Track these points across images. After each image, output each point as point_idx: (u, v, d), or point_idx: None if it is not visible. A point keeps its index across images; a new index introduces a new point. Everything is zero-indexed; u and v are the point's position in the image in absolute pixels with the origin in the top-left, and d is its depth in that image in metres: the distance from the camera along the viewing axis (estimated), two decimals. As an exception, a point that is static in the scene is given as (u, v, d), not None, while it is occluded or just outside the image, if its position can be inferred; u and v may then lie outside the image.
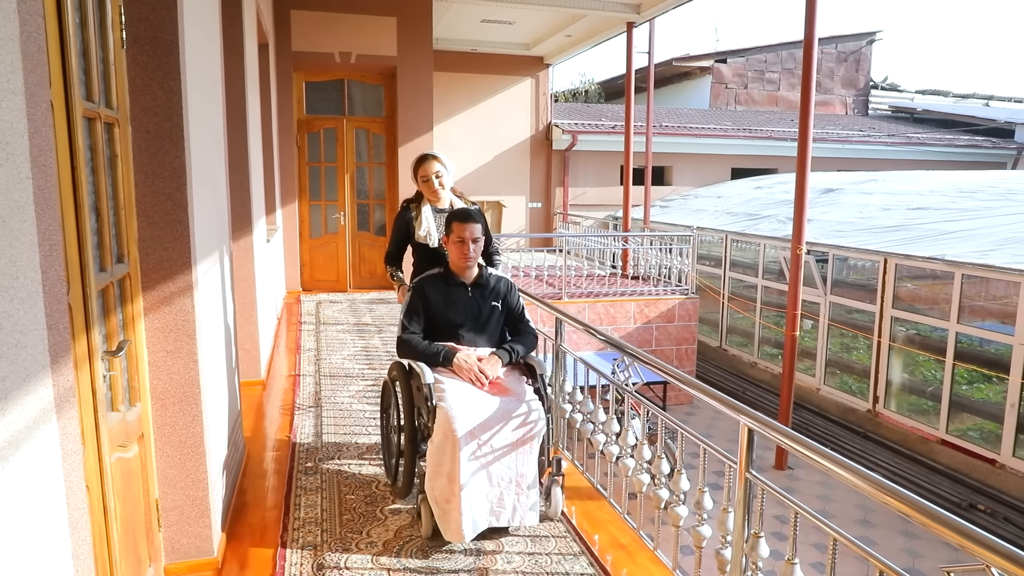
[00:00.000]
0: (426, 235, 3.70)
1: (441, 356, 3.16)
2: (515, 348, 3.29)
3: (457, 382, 3.09)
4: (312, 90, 9.47)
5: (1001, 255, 7.72)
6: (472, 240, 3.22)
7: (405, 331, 3.27)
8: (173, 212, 2.59)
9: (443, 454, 2.91)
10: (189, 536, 2.81)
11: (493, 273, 3.45)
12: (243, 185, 5.11)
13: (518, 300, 3.46)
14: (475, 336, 3.30)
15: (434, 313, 3.27)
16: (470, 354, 3.20)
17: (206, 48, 3.21)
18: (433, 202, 3.79)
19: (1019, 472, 7.31)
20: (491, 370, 3.14)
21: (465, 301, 3.30)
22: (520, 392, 3.10)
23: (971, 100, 25.61)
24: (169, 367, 2.68)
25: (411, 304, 3.30)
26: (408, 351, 3.24)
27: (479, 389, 3.08)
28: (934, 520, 1.61)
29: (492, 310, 3.34)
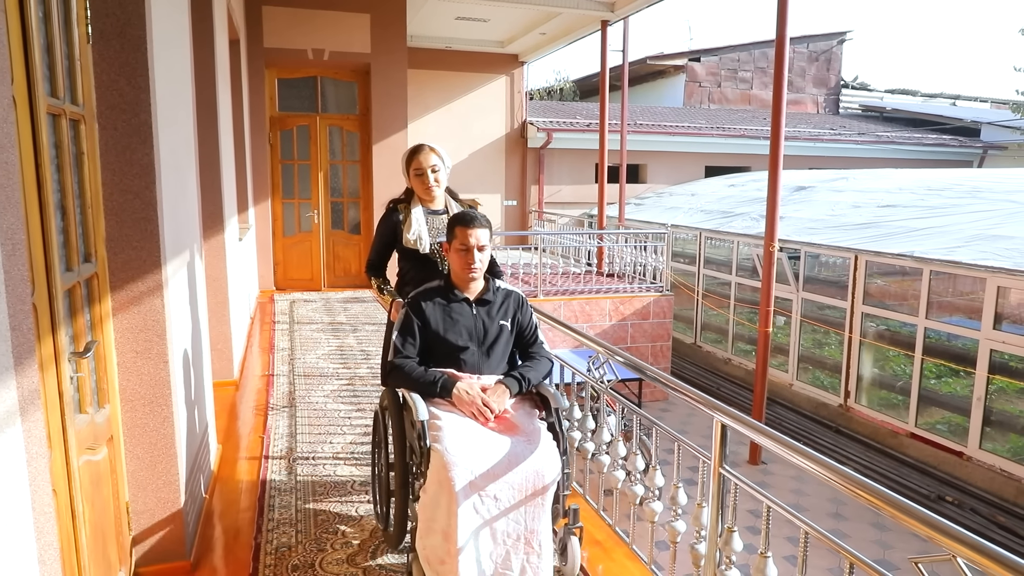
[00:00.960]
0: (416, 239, 3.16)
1: (439, 385, 2.62)
2: (526, 376, 2.73)
3: (457, 417, 2.57)
4: (285, 87, 9.38)
5: (968, 252, 7.87)
6: (478, 248, 2.72)
7: (397, 354, 2.72)
8: (142, 210, 2.55)
9: (437, 507, 2.40)
10: (161, 539, 2.77)
11: (501, 286, 2.90)
12: (214, 183, 5.04)
13: (531, 318, 2.93)
14: (479, 361, 2.76)
15: (432, 334, 2.73)
16: (473, 383, 2.66)
17: (175, 43, 3.16)
18: (426, 201, 3.26)
19: (985, 464, 7.46)
20: (497, 403, 2.61)
21: (468, 320, 2.77)
22: (531, 431, 2.57)
23: (938, 100, 26.05)
24: (139, 368, 2.63)
25: (405, 323, 2.75)
26: (400, 379, 2.70)
27: (483, 425, 2.57)
28: (902, 512, 1.64)
29: (500, 330, 2.81)
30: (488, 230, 2.78)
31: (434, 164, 3.18)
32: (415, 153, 3.21)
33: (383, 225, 3.29)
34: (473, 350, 2.76)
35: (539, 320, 3.11)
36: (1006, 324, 7.39)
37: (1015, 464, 7.19)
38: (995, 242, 7.92)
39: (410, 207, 3.23)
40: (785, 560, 5.76)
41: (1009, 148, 19.37)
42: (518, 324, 2.88)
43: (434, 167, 3.19)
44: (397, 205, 3.28)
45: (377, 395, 5.18)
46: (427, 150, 3.19)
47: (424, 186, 3.21)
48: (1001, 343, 7.33)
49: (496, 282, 2.91)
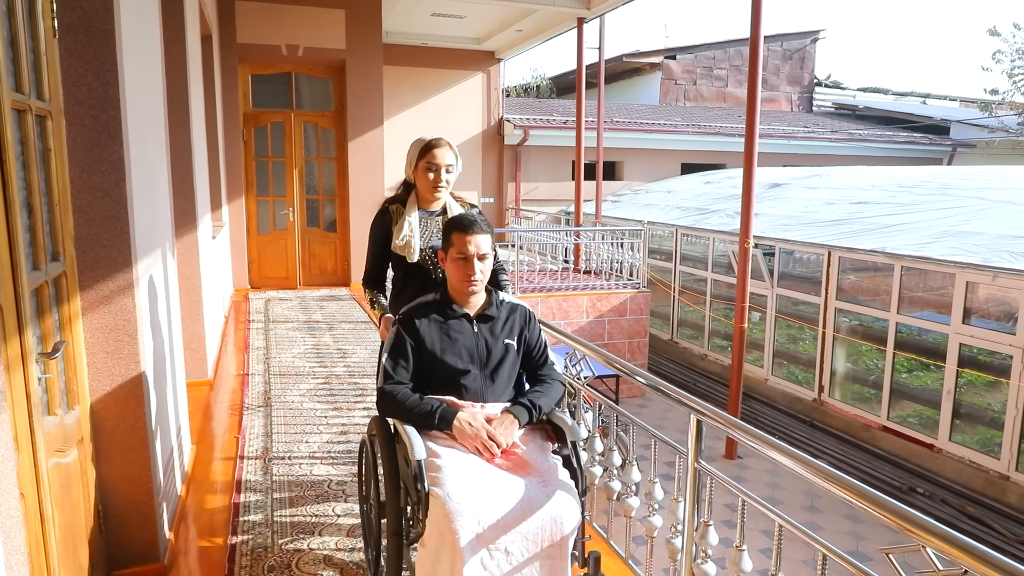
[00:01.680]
0: (405, 244, 2.80)
1: (436, 416, 2.27)
2: (536, 403, 2.39)
3: (459, 454, 2.21)
4: (258, 83, 9.29)
5: (938, 248, 8.00)
6: (479, 256, 2.38)
7: (388, 380, 2.36)
8: (111, 208, 2.51)
9: (438, 563, 2.04)
10: (134, 541, 2.73)
11: (506, 300, 2.55)
12: (187, 180, 4.98)
13: (539, 335, 2.58)
14: (483, 386, 2.41)
15: (427, 355, 2.38)
16: (476, 413, 2.31)
17: (145, 38, 3.11)
18: (426, 202, 2.89)
19: (955, 456, 7.59)
20: (505, 436, 2.26)
21: (469, 338, 2.43)
22: (546, 469, 2.22)
23: (909, 98, 26.42)
24: (110, 368, 2.60)
25: (395, 343, 2.40)
26: (391, 408, 2.34)
27: (488, 463, 2.22)
28: (873, 504, 1.66)
29: (505, 350, 2.46)
30: (490, 236, 2.44)
31: (450, 163, 2.83)
32: (432, 147, 2.80)
33: (375, 229, 2.90)
34: (475, 374, 2.41)
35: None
36: (974, 319, 7.53)
37: (983, 455, 7.33)
38: (964, 238, 8.06)
39: (405, 208, 2.85)
40: (761, 553, 5.82)
41: (977, 146, 19.71)
42: (525, 342, 2.53)
43: (450, 166, 2.83)
44: (390, 206, 2.88)
45: (356, 395, 5.15)
46: (445, 145, 2.82)
47: (434, 185, 2.82)
48: (970, 337, 7.46)
49: (499, 295, 2.55)
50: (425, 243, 2.84)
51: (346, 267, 9.68)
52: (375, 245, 2.92)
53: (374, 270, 2.96)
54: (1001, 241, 7.67)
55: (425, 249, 2.83)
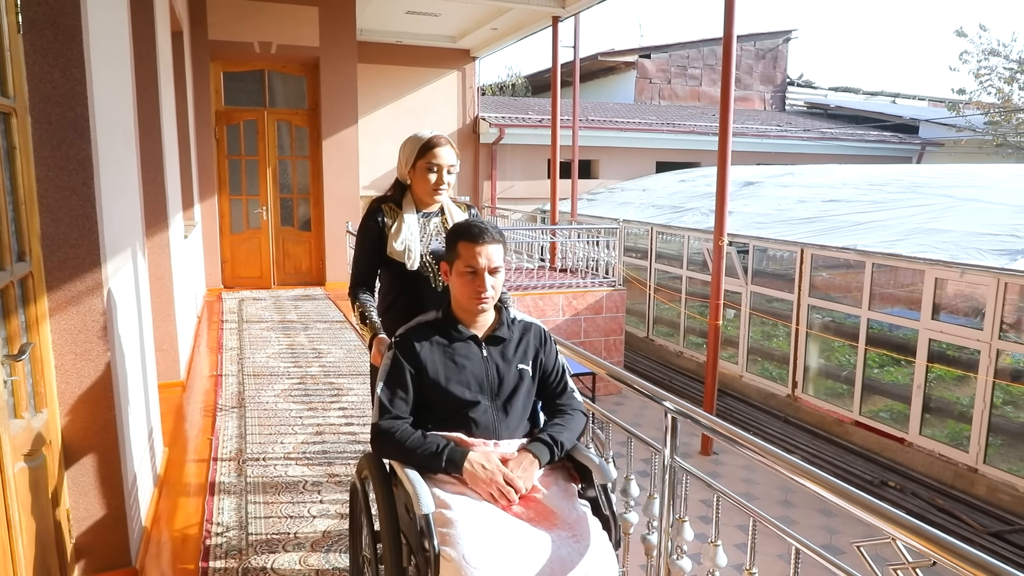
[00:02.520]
0: (404, 250, 2.49)
1: (444, 458, 1.93)
2: (558, 439, 2.05)
3: (471, 503, 1.87)
4: (230, 81, 9.18)
5: (908, 245, 8.12)
6: (490, 270, 2.07)
7: (385, 414, 2.02)
8: (79, 207, 2.46)
9: None
10: (105, 546, 2.69)
11: (518, 318, 2.23)
12: (157, 179, 4.91)
13: (557, 358, 2.24)
14: (495, 420, 2.07)
15: (429, 385, 2.05)
16: (489, 453, 1.98)
17: (113, 34, 3.06)
18: (423, 204, 2.60)
19: (925, 450, 7.72)
20: (524, 479, 1.93)
21: (477, 364, 2.09)
22: (576, 520, 1.89)
23: (879, 97, 26.80)
24: (79, 370, 2.55)
25: (392, 371, 2.06)
26: (390, 448, 2.00)
27: (505, 511, 1.88)
28: (844, 498, 1.68)
29: (519, 377, 2.12)
30: (502, 246, 2.12)
31: (453, 163, 2.55)
32: (432, 145, 2.51)
33: (365, 231, 2.58)
34: (485, 405, 2.07)
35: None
36: (943, 314, 7.66)
37: (952, 449, 7.46)
38: (933, 235, 8.19)
39: (401, 209, 2.56)
40: (736, 548, 5.88)
41: (945, 145, 20.05)
42: (541, 367, 2.19)
43: (452, 166, 2.55)
44: (382, 204, 2.59)
45: (331, 395, 5.12)
46: (446, 143, 2.54)
47: (436, 188, 2.53)
48: (939, 332, 7.59)
49: (510, 311, 2.21)
50: (425, 248, 2.54)
51: (321, 266, 9.61)
52: (365, 248, 2.57)
53: (365, 274, 2.61)
54: (968, 238, 7.81)
55: (425, 254, 2.54)
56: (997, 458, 7.11)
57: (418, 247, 2.52)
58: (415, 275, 2.53)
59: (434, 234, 2.59)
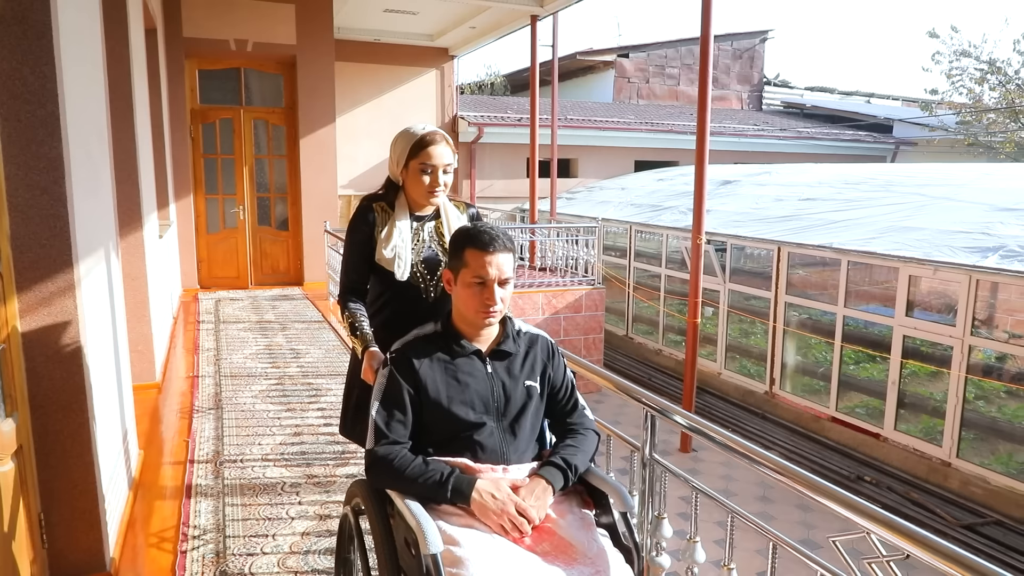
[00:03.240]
0: (393, 257, 2.29)
1: (449, 487, 1.75)
2: (571, 462, 1.88)
3: (481, 537, 1.70)
4: (206, 79, 9.09)
5: (882, 243, 8.23)
6: (500, 281, 1.89)
7: (381, 439, 1.83)
8: (50, 207, 2.42)
9: None
10: (78, 551, 2.65)
11: (524, 330, 2.05)
12: (131, 178, 4.85)
13: (565, 373, 2.07)
14: (502, 443, 1.89)
15: (430, 406, 1.87)
16: (499, 480, 1.80)
17: (84, 30, 3.02)
18: (417, 206, 2.37)
19: (900, 444, 7.83)
20: (538, 508, 1.76)
21: (481, 382, 1.91)
22: (596, 553, 1.72)
23: (854, 97, 27.11)
24: (51, 373, 2.51)
25: (388, 391, 1.88)
26: (388, 477, 1.81)
27: (517, 544, 1.72)
28: (819, 493, 1.70)
29: (527, 395, 1.95)
30: (513, 255, 1.94)
31: (449, 162, 2.32)
32: (426, 143, 2.26)
33: (355, 232, 2.36)
34: (491, 427, 1.88)
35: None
36: (917, 311, 7.77)
37: (927, 443, 7.57)
38: (907, 233, 8.30)
39: (393, 211, 2.34)
40: (715, 544, 5.92)
41: (919, 144, 20.33)
42: (549, 382, 2.01)
43: (448, 166, 2.32)
44: (373, 204, 2.37)
45: (309, 396, 5.08)
46: (442, 140, 2.30)
47: (430, 190, 2.30)
48: (913, 329, 7.70)
49: (516, 323, 2.04)
50: (417, 256, 2.34)
51: (299, 266, 9.54)
52: (355, 253, 2.35)
53: (355, 281, 2.38)
54: (941, 236, 7.93)
55: (417, 263, 2.33)
56: (969, 452, 7.23)
57: (409, 255, 2.30)
58: (405, 285, 2.32)
59: (428, 240, 2.37)
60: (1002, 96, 19.66)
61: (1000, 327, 7.41)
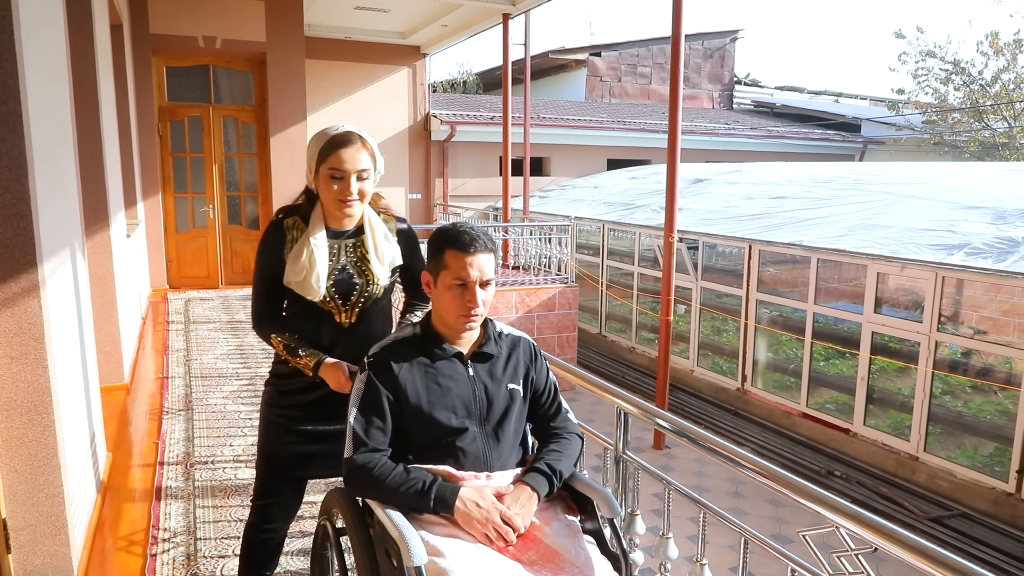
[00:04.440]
0: (303, 279, 2.03)
1: (432, 496, 1.70)
2: (556, 468, 1.84)
3: (465, 547, 1.66)
4: (174, 76, 8.95)
5: (851, 240, 8.35)
6: (482, 283, 1.83)
7: (360, 447, 1.76)
8: (13, 206, 2.37)
9: None
10: (44, 556, 2.60)
11: (505, 332, 1.99)
12: (97, 176, 4.76)
13: (548, 375, 2.03)
14: (485, 449, 1.84)
15: (411, 412, 1.81)
16: (483, 488, 1.76)
17: (47, 25, 2.96)
18: (335, 219, 2.09)
19: (869, 439, 7.96)
20: (523, 516, 1.73)
21: (463, 386, 1.85)
22: (584, 561, 1.69)
23: (823, 96, 27.48)
24: (14, 374, 2.46)
25: (366, 397, 1.81)
26: (368, 486, 1.76)
27: (502, 553, 1.68)
28: (789, 488, 1.72)
29: (509, 398, 1.90)
30: (494, 255, 1.87)
31: (363, 168, 2.01)
32: (337, 145, 1.98)
33: (265, 253, 2.09)
34: (473, 432, 1.83)
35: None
36: (885, 308, 7.90)
37: (895, 438, 7.70)
38: (875, 231, 8.44)
39: (308, 225, 2.08)
40: (688, 540, 5.97)
41: (886, 143, 20.68)
42: (532, 385, 1.97)
43: (364, 172, 2.01)
44: (284, 221, 2.10)
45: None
46: (357, 141, 2.01)
47: (341, 199, 2.01)
48: (881, 325, 7.83)
49: (497, 326, 1.98)
50: (333, 276, 2.07)
51: (270, 265, 9.43)
52: (264, 276, 2.10)
53: (268, 308, 2.14)
54: (908, 234, 8.07)
55: (331, 287, 2.07)
56: (936, 446, 7.37)
57: (323, 278, 2.03)
58: (316, 308, 2.08)
59: (348, 261, 2.10)
60: (966, 96, 20.07)
61: (965, 323, 7.57)
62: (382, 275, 2.11)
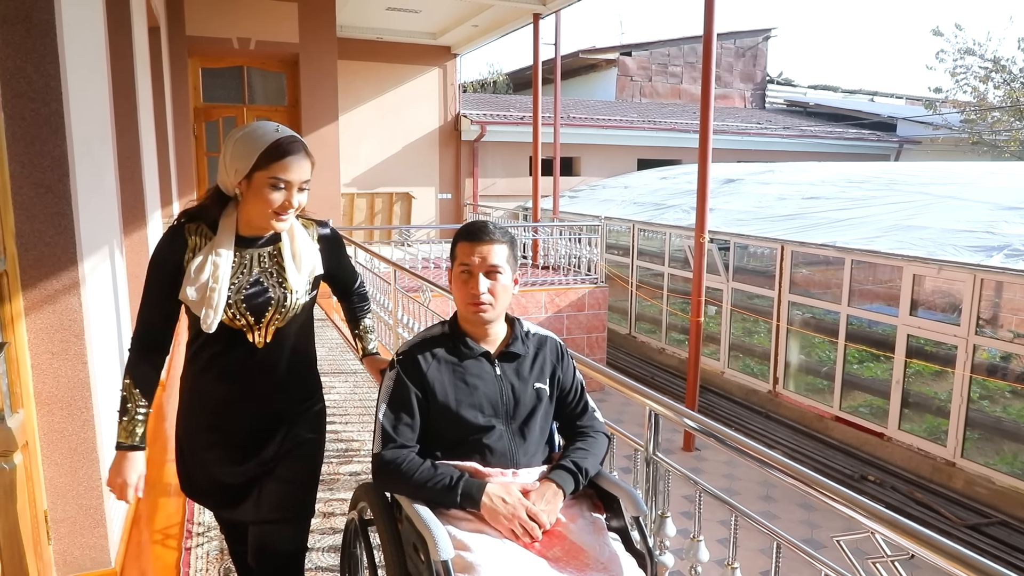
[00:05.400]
0: (201, 298, 1.75)
1: (459, 492, 1.72)
2: (582, 465, 1.85)
3: (492, 543, 1.68)
4: (209, 77, 9.10)
5: (886, 241, 8.21)
6: (486, 271, 1.83)
7: (388, 443, 1.79)
8: (55, 205, 2.43)
9: None
10: (83, 547, 2.66)
11: (532, 331, 1.99)
12: (135, 176, 4.85)
13: (575, 375, 2.03)
14: (512, 447, 1.85)
15: (439, 410, 1.82)
16: (509, 484, 1.78)
17: (88, 29, 3.02)
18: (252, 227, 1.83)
19: (904, 444, 7.82)
20: (548, 512, 1.74)
21: (490, 384, 1.86)
22: (608, 558, 1.70)
23: (858, 95, 27.06)
24: (55, 370, 2.52)
25: (395, 394, 1.84)
26: (396, 481, 1.79)
27: (527, 549, 1.70)
28: (824, 492, 1.70)
29: (536, 397, 1.90)
30: (506, 246, 1.86)
31: (306, 179, 1.79)
32: (283, 153, 1.73)
33: (158, 262, 1.79)
34: (500, 430, 1.84)
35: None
36: (921, 310, 7.76)
37: (931, 443, 7.56)
38: (911, 232, 8.29)
39: (216, 233, 1.79)
40: (718, 543, 5.92)
41: (923, 143, 20.29)
42: (559, 385, 1.97)
43: (305, 183, 1.79)
44: (186, 224, 1.80)
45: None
46: (302, 151, 1.78)
47: (280, 211, 1.76)
48: (917, 328, 7.68)
49: (524, 325, 1.98)
50: (237, 293, 1.79)
51: (302, 264, 9.55)
52: (155, 289, 1.79)
53: (152, 329, 1.83)
54: (945, 235, 7.91)
55: (237, 302, 1.79)
56: (974, 452, 7.21)
57: (224, 297, 1.75)
58: (224, 326, 1.79)
59: (258, 272, 1.83)
60: (1006, 94, 19.61)
61: (1005, 326, 7.40)
62: (300, 287, 1.87)
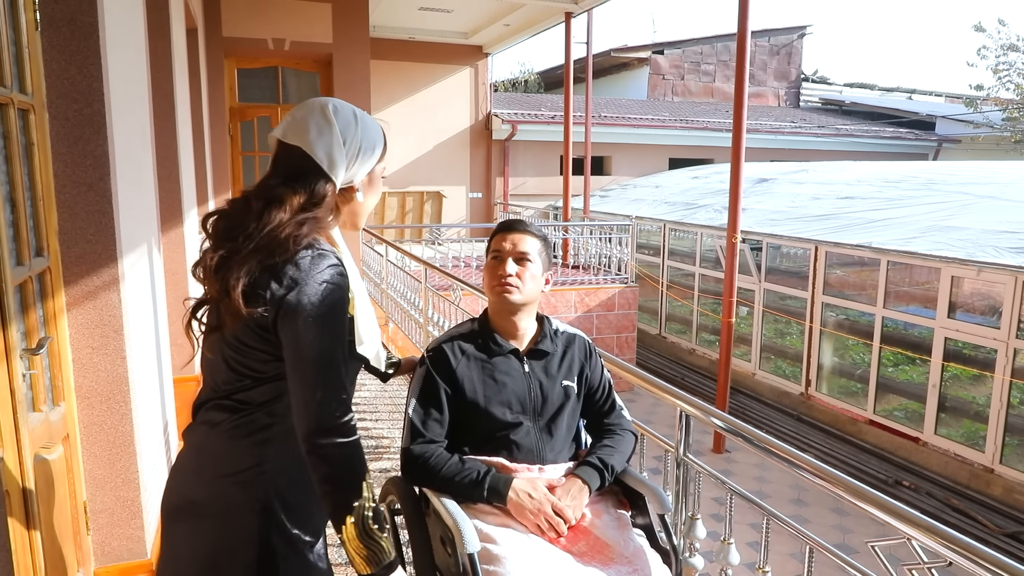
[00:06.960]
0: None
1: (486, 487, 1.74)
2: (608, 463, 1.87)
3: (518, 537, 1.71)
4: (244, 77, 9.22)
5: (923, 242, 8.06)
6: (515, 256, 1.88)
7: (417, 438, 1.81)
8: (96, 203, 2.48)
9: None
10: (120, 538, 2.71)
11: (562, 329, 2.03)
12: (172, 175, 4.94)
13: (603, 373, 2.05)
14: (539, 443, 1.87)
15: (467, 406, 1.85)
16: (535, 480, 1.80)
17: (129, 31, 3.08)
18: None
19: (940, 449, 7.66)
20: (574, 508, 1.76)
21: (519, 381, 1.88)
22: (633, 553, 1.73)
23: (895, 93, 26.56)
24: (95, 364, 2.57)
25: (424, 389, 1.86)
26: (424, 475, 1.80)
27: (553, 544, 1.72)
28: (859, 497, 1.68)
29: (564, 395, 1.92)
30: (539, 241, 1.93)
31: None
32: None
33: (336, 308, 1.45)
34: (528, 427, 1.86)
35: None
36: (959, 313, 7.59)
37: (968, 449, 7.40)
38: (949, 233, 8.12)
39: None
40: (749, 546, 5.86)
41: (963, 141, 19.85)
42: (587, 383, 1.99)
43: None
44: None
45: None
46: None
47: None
48: (955, 331, 7.53)
49: (553, 323, 2.02)
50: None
51: (334, 262, 9.64)
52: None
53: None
54: (985, 236, 7.74)
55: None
56: (1013, 458, 7.05)
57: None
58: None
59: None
60: (1051, 92, 19.10)
61: (1046, 330, 7.22)
62: None
